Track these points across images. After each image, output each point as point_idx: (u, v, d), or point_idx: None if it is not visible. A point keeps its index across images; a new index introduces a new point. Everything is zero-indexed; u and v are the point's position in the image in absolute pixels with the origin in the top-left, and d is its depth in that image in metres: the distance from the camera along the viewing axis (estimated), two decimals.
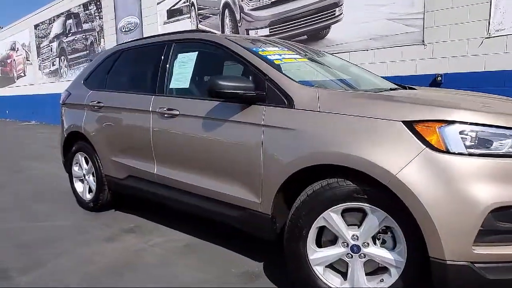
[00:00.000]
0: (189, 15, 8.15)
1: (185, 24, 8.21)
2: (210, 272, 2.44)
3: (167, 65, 2.86)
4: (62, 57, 13.42)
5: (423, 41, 4.81)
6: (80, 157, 3.70)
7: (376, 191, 1.75)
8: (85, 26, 12.04)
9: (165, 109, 2.72)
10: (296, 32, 6.19)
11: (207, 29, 7.50)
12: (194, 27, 7.92)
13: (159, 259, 2.64)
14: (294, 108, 2.04)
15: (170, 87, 2.80)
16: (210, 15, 7.66)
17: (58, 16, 13.45)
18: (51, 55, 14.21)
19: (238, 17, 7.06)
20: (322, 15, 5.85)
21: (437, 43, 4.72)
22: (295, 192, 2.08)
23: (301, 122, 1.98)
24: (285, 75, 2.17)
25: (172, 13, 8.60)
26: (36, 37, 15.24)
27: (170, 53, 2.87)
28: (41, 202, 4.06)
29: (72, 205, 3.88)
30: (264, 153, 2.10)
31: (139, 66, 3.38)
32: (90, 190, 3.68)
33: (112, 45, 10.63)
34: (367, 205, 1.79)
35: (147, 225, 3.28)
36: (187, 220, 3.30)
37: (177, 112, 2.62)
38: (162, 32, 6.35)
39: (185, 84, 2.68)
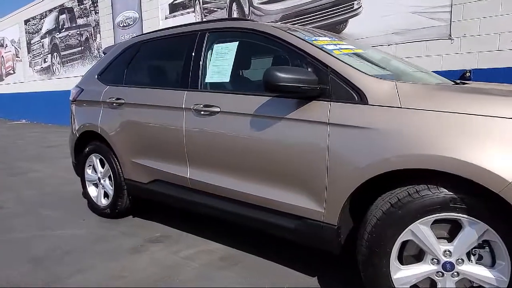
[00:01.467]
0: (193, 9, 7.83)
1: (188, 18, 7.87)
2: None
3: (201, 57, 2.56)
4: (55, 54, 12.92)
5: (450, 35, 4.59)
6: (95, 159, 3.38)
7: (479, 201, 1.51)
8: (80, 21, 11.58)
9: (201, 106, 2.43)
10: (310, 26, 5.93)
11: None
12: None
13: (196, 273, 2.37)
14: (368, 104, 1.78)
15: (206, 81, 2.51)
16: (216, 9, 7.35)
17: (51, 11, 12.94)
18: (42, 52, 13.68)
19: (247, 11, 6.77)
20: (338, 8, 5.60)
21: (465, 38, 4.50)
22: (359, 199, 1.84)
23: (378, 120, 1.72)
24: (353, 67, 1.90)
25: (175, 7, 8.26)
26: (26, 33, 14.68)
27: (204, 44, 2.57)
28: (48, 207, 3.73)
29: (83, 211, 3.57)
30: (330, 155, 1.84)
31: (165, 58, 3.07)
32: (105, 195, 3.38)
33: (109, 40, 10.23)
34: (465, 216, 1.54)
35: (173, 234, 2.99)
36: (216, 228, 3.02)
37: (218, 109, 2.33)
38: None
39: (225, 77, 2.39)
